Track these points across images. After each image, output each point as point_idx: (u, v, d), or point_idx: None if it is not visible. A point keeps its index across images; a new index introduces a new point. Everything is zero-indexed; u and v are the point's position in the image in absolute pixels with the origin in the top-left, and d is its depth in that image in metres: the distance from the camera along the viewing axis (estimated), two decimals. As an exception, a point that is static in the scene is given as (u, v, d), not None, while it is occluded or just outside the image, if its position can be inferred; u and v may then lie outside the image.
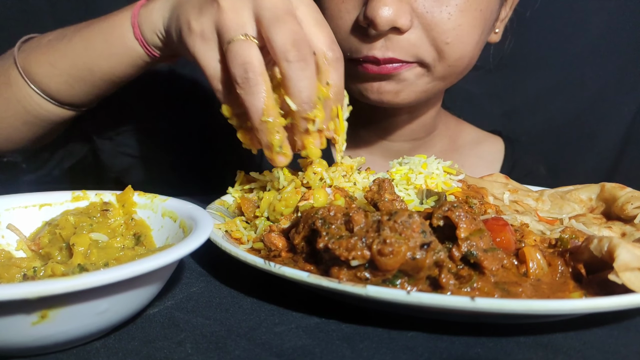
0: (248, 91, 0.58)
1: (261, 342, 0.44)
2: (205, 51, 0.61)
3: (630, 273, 0.45)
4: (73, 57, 0.77)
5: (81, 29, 0.79)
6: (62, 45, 0.78)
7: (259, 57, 0.58)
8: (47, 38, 0.81)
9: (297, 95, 0.58)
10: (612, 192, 0.71)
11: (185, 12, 0.63)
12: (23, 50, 0.81)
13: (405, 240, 0.45)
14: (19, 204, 0.57)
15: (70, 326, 0.39)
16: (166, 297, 0.52)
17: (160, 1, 0.71)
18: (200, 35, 0.61)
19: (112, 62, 0.77)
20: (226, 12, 0.59)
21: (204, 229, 0.48)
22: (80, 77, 0.79)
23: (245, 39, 0.58)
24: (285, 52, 0.57)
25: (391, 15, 0.76)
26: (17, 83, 0.80)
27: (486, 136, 1.18)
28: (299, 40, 0.57)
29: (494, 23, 0.92)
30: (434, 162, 0.69)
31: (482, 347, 0.44)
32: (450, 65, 0.84)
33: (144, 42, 0.74)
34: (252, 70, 0.57)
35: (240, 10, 0.59)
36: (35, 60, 0.79)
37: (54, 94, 0.81)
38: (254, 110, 0.58)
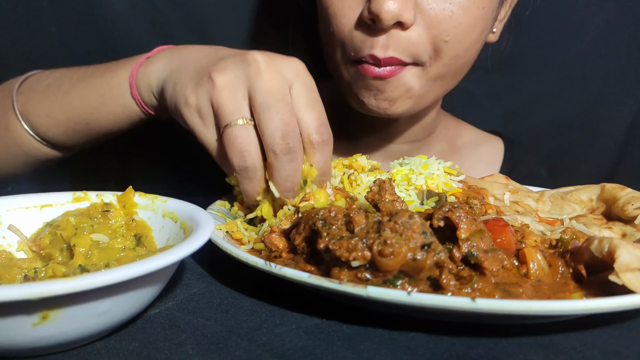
0: (245, 177, 0.61)
1: (262, 343, 0.44)
2: (202, 127, 0.63)
3: (631, 274, 0.45)
4: (70, 110, 0.80)
5: (78, 80, 0.81)
6: (59, 97, 0.80)
7: (255, 143, 0.60)
8: (44, 82, 0.83)
9: (281, 184, 0.61)
10: (612, 193, 0.71)
11: (182, 83, 0.65)
12: (21, 94, 0.83)
13: (405, 241, 0.45)
14: (20, 205, 0.57)
15: (71, 327, 0.39)
16: (167, 298, 0.52)
17: (160, 62, 0.73)
18: (197, 110, 0.63)
19: (109, 118, 0.79)
20: (221, 91, 0.60)
21: (204, 229, 0.48)
22: (77, 130, 0.81)
23: (243, 124, 0.59)
24: (274, 143, 0.59)
25: (396, 10, 0.76)
26: (16, 129, 0.83)
27: (486, 137, 1.18)
28: (288, 132, 0.59)
29: (493, 23, 0.91)
30: (435, 163, 0.69)
31: (483, 347, 0.44)
32: (445, 64, 0.83)
33: (141, 102, 0.76)
34: (250, 158, 0.60)
35: (235, 90, 0.60)
36: (33, 109, 0.81)
37: (52, 141, 0.84)
38: (249, 194, 0.63)
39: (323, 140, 0.62)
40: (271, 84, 0.60)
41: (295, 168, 0.60)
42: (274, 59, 0.62)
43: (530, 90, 1.36)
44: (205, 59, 0.67)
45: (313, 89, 0.63)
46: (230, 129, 0.59)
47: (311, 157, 0.62)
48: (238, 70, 0.61)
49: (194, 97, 0.63)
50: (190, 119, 0.64)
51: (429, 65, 0.83)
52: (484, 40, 0.90)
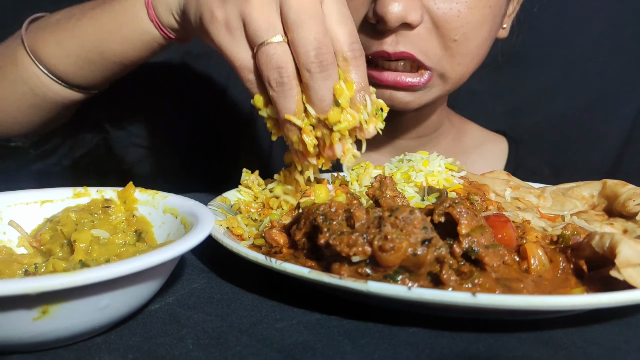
0: (282, 95, 0.58)
1: (262, 338, 0.44)
2: (231, 43, 0.60)
3: (632, 269, 0.45)
4: (82, 38, 0.75)
5: (90, 8, 0.76)
6: (71, 25, 0.76)
7: (292, 61, 0.58)
8: (55, 17, 0.79)
9: (317, 103, 0.58)
10: (614, 189, 0.71)
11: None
12: (31, 30, 0.79)
13: (406, 236, 0.45)
14: (21, 201, 0.57)
15: (71, 322, 0.39)
16: (167, 293, 0.52)
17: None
18: (225, 24, 0.59)
19: (124, 44, 0.74)
20: (254, 4, 0.57)
21: (205, 225, 0.48)
22: (90, 59, 0.76)
23: (279, 42, 0.57)
24: (308, 62, 0.57)
25: (401, 11, 0.75)
26: (24, 63, 0.78)
27: (490, 136, 1.18)
28: (322, 49, 0.57)
29: (502, 19, 0.91)
30: (436, 160, 0.69)
31: (483, 343, 0.44)
32: (459, 63, 0.83)
33: (159, 24, 0.71)
34: (287, 74, 0.57)
35: (267, 5, 0.58)
36: (42, 40, 0.77)
37: (62, 75, 0.78)
38: (284, 112, 0.59)
39: (356, 57, 0.60)
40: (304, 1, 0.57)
41: (330, 86, 0.58)
42: None
43: (533, 88, 1.36)
44: None
45: (344, 4, 0.61)
46: (266, 46, 0.57)
47: (346, 74, 0.60)
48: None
49: (221, 11, 0.59)
50: (217, 35, 0.60)
51: (442, 66, 0.83)
52: (494, 37, 0.90)
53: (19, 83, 0.79)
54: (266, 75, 0.58)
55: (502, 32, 0.96)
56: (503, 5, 0.87)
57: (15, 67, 0.78)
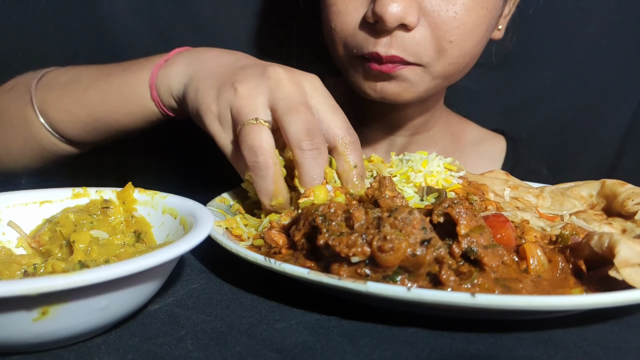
0: (258, 174, 0.61)
1: (262, 339, 0.44)
2: (221, 133, 0.66)
3: (631, 269, 0.45)
4: (89, 108, 0.80)
5: (97, 78, 0.81)
6: (78, 94, 0.81)
7: (268, 140, 0.61)
8: (62, 78, 0.84)
9: (309, 183, 0.61)
10: (612, 189, 0.71)
11: (204, 90, 0.67)
12: (39, 89, 0.84)
13: (405, 237, 0.45)
14: (20, 201, 0.57)
15: (71, 323, 0.39)
16: (167, 294, 0.52)
17: (180, 66, 0.74)
18: (218, 117, 0.65)
19: (128, 117, 0.80)
20: (242, 97, 0.62)
21: (204, 226, 0.48)
22: (96, 127, 0.82)
23: (256, 123, 0.60)
24: (299, 140, 0.60)
25: (400, 12, 0.76)
26: (35, 125, 0.83)
27: (488, 135, 1.19)
28: (313, 129, 0.60)
29: (497, 20, 0.91)
30: (435, 159, 0.69)
31: (483, 343, 0.44)
32: (451, 63, 0.84)
33: (161, 104, 0.77)
34: (262, 154, 0.60)
35: (255, 97, 0.62)
36: (52, 105, 0.82)
37: (70, 137, 0.84)
38: (263, 193, 0.62)
39: (354, 141, 0.64)
40: (292, 92, 0.62)
41: (321, 164, 0.61)
42: (294, 72, 0.64)
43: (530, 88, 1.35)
44: (225, 67, 0.68)
45: (332, 99, 0.65)
46: (244, 127, 0.61)
47: (344, 158, 0.63)
48: (259, 82, 0.63)
49: (215, 105, 0.65)
50: (211, 125, 0.66)
51: (432, 65, 0.83)
52: (489, 37, 0.90)
53: (31, 141, 0.86)
54: (243, 155, 0.61)
55: (497, 34, 0.97)
56: (499, 6, 0.87)
57: (27, 126, 0.84)
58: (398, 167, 0.70)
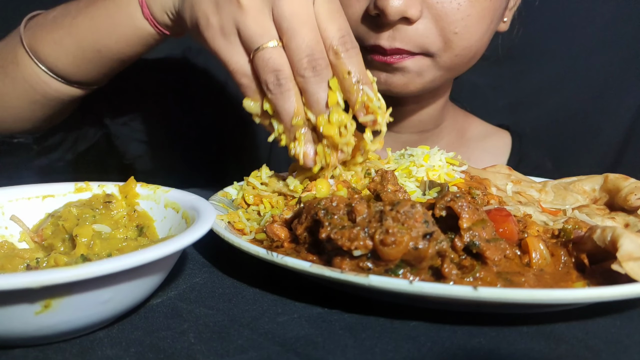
0: (280, 97, 0.60)
1: (264, 332, 0.44)
2: (227, 48, 0.62)
3: (634, 263, 0.45)
4: (78, 36, 0.76)
5: (85, 6, 0.77)
6: (67, 23, 0.76)
7: (287, 64, 0.59)
8: (52, 14, 0.80)
9: (314, 106, 0.60)
10: (615, 183, 0.71)
11: (201, 3, 0.63)
12: (29, 28, 0.80)
13: (407, 230, 0.45)
14: (22, 195, 0.57)
15: (73, 316, 0.39)
16: (169, 288, 0.52)
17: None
18: (221, 30, 0.61)
19: (120, 42, 0.75)
20: (248, 12, 0.59)
21: (206, 219, 0.48)
22: (87, 57, 0.77)
23: (275, 47, 0.59)
24: (302, 68, 0.59)
25: (401, 6, 0.76)
26: (24, 61, 0.79)
27: (493, 130, 1.18)
28: (315, 54, 0.59)
29: (503, 12, 0.91)
30: (437, 154, 0.69)
31: (485, 336, 0.44)
32: (457, 55, 0.83)
33: (154, 21, 0.73)
34: (284, 77, 0.59)
35: (261, 13, 0.59)
36: (41, 38, 0.78)
37: (61, 72, 0.79)
38: (285, 114, 0.60)
39: (347, 49, 0.61)
40: (295, 5, 0.59)
41: (324, 88, 0.60)
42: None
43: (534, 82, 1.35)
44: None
45: (333, 2, 0.62)
46: (262, 51, 0.59)
47: (342, 68, 0.61)
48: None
49: (216, 17, 0.61)
50: (213, 40, 0.62)
51: (439, 56, 0.83)
52: (494, 29, 0.90)
53: (20, 81, 0.80)
54: (264, 78, 0.60)
55: (503, 26, 0.96)
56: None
57: (16, 65, 0.79)
58: (398, 162, 0.70)
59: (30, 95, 0.81)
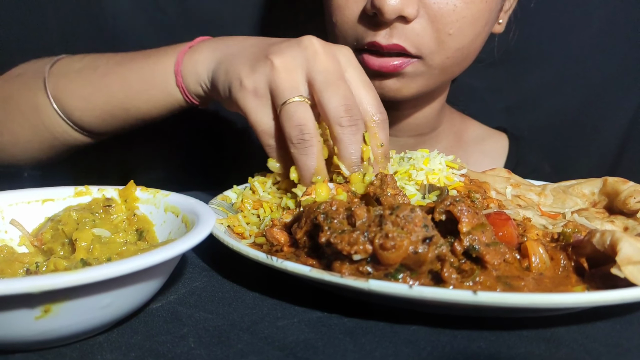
0: (302, 152, 0.61)
1: (264, 336, 0.44)
2: (257, 108, 0.63)
3: (633, 266, 0.45)
4: (108, 94, 0.78)
5: (116, 64, 0.79)
6: (96, 80, 0.79)
7: (313, 119, 0.61)
8: (76, 65, 0.82)
9: (347, 157, 0.61)
10: (614, 186, 0.71)
11: (236, 68, 0.65)
12: (52, 75, 0.81)
13: (407, 235, 0.45)
14: (22, 199, 0.57)
15: (73, 320, 0.39)
16: (169, 292, 0.52)
17: (206, 52, 0.72)
18: (254, 92, 0.63)
19: (149, 104, 0.78)
20: (280, 72, 0.61)
21: (206, 223, 0.48)
22: (114, 114, 0.80)
23: (301, 101, 0.60)
24: (339, 117, 0.60)
25: (398, 4, 0.76)
26: (47, 111, 0.81)
27: (491, 133, 1.19)
28: (351, 105, 0.60)
29: (497, 14, 0.91)
30: (437, 157, 0.69)
31: (485, 340, 0.44)
32: (449, 57, 0.84)
33: (186, 91, 0.75)
34: (308, 132, 0.60)
35: (294, 71, 0.61)
36: (68, 91, 0.80)
37: (85, 126, 0.82)
38: (305, 169, 0.61)
39: (383, 120, 0.64)
40: (329, 64, 0.61)
41: (359, 140, 0.61)
42: (328, 44, 0.64)
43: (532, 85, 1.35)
44: (254, 46, 0.67)
45: (364, 74, 0.65)
46: (288, 105, 0.60)
47: (375, 135, 0.63)
48: (295, 52, 0.62)
49: (250, 79, 0.63)
50: (245, 102, 0.64)
51: (431, 58, 0.83)
52: (489, 31, 0.90)
53: (41, 129, 0.83)
54: (288, 132, 0.61)
55: (498, 28, 0.96)
56: (499, 0, 0.87)
57: (38, 113, 0.81)
58: (400, 165, 0.70)
59: (50, 142, 0.84)
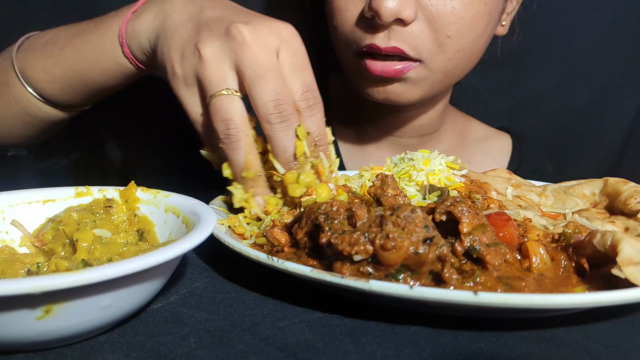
0: (230, 146, 0.60)
1: (265, 337, 0.44)
2: (188, 97, 0.64)
3: (634, 267, 0.45)
4: (65, 66, 0.78)
5: (73, 36, 0.79)
6: (55, 53, 0.79)
7: (241, 112, 0.59)
8: (44, 38, 0.82)
9: (281, 154, 0.60)
10: (615, 187, 0.71)
11: (169, 52, 0.65)
12: (21, 51, 0.82)
13: (408, 235, 0.45)
14: (23, 200, 0.58)
15: (74, 321, 0.39)
16: (170, 292, 0.52)
17: (146, 20, 0.71)
18: (183, 80, 0.63)
19: (104, 74, 0.78)
20: (207, 63, 0.60)
21: (207, 224, 0.48)
22: (74, 85, 0.80)
23: (227, 94, 0.59)
24: (267, 114, 0.59)
25: (395, 7, 0.76)
26: (15, 85, 0.81)
27: (494, 133, 1.19)
28: (281, 100, 0.59)
29: (500, 16, 0.91)
30: (437, 158, 0.69)
31: (485, 341, 0.44)
32: (450, 58, 0.84)
33: (134, 59, 0.75)
34: (234, 126, 0.59)
35: (221, 62, 0.60)
36: (31, 65, 0.80)
37: (50, 97, 0.82)
38: (235, 164, 0.61)
39: (309, 106, 0.61)
40: (258, 55, 0.59)
41: (291, 135, 0.60)
42: (258, 29, 0.60)
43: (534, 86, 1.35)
44: (190, 21, 0.65)
45: (298, 53, 0.62)
46: (215, 98, 0.59)
47: (303, 124, 0.61)
48: (222, 43, 0.60)
49: (180, 68, 0.63)
50: (177, 88, 0.64)
51: (432, 61, 0.83)
52: (491, 33, 0.90)
53: (11, 103, 0.83)
54: (215, 127, 0.60)
55: (501, 30, 0.96)
56: (500, 2, 0.87)
57: (8, 88, 0.82)
58: (399, 168, 0.70)
59: (21, 117, 0.84)
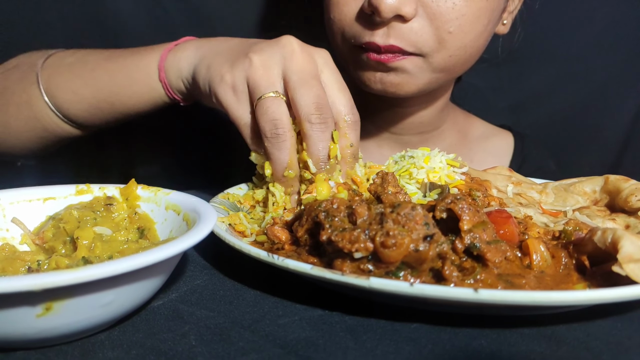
0: (275, 145, 0.62)
1: (265, 334, 0.44)
2: (236, 103, 0.66)
3: (634, 264, 0.45)
4: (95, 88, 0.81)
5: (105, 59, 0.82)
6: (86, 74, 0.82)
7: (287, 114, 0.63)
8: (68, 59, 0.85)
9: (315, 154, 0.63)
10: (616, 185, 0.71)
11: (218, 64, 0.68)
12: (45, 69, 0.84)
13: (408, 233, 0.45)
14: (23, 198, 0.58)
15: (74, 318, 0.39)
16: (170, 290, 0.52)
17: (190, 49, 0.75)
18: (232, 87, 0.66)
19: (133, 98, 0.81)
20: (258, 68, 0.64)
21: (207, 222, 0.48)
22: (100, 108, 0.83)
23: (276, 96, 0.62)
24: (309, 114, 0.61)
25: (395, 3, 0.76)
26: (39, 104, 0.84)
27: (496, 131, 1.18)
28: (322, 104, 0.62)
29: (501, 14, 0.91)
30: (438, 156, 0.69)
31: (486, 338, 0.44)
32: (451, 55, 0.83)
33: (168, 86, 0.78)
34: (281, 126, 0.62)
35: (271, 68, 0.64)
36: (57, 85, 0.83)
37: (74, 118, 0.85)
38: (278, 163, 0.63)
39: (355, 121, 0.65)
40: (305, 64, 0.64)
41: (328, 138, 0.63)
42: (306, 45, 0.66)
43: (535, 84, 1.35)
44: (237, 45, 0.70)
45: (340, 75, 0.67)
46: (263, 100, 0.62)
47: (344, 135, 0.65)
48: (273, 51, 0.64)
49: (229, 75, 0.66)
50: (224, 96, 0.66)
51: (433, 57, 0.83)
52: (492, 31, 0.90)
53: (32, 121, 0.86)
54: (262, 126, 0.62)
55: (502, 28, 0.96)
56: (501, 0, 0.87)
57: (30, 106, 0.85)
58: (399, 165, 0.70)
59: (40, 133, 0.87)
